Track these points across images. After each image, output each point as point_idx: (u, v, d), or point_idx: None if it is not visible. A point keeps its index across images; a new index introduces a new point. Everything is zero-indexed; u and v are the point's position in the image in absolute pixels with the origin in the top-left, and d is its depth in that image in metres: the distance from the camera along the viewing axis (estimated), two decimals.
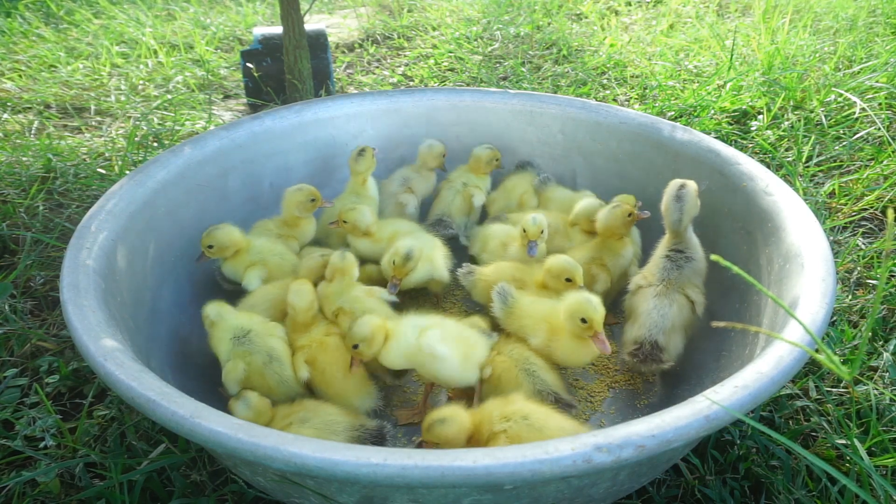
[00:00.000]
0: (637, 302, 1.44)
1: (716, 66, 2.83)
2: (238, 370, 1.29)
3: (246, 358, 1.30)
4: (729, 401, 0.92)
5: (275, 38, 2.57)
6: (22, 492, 1.22)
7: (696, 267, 1.44)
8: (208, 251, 1.54)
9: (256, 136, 1.75)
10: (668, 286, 1.42)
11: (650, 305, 1.40)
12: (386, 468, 0.84)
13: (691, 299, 1.41)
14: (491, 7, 3.68)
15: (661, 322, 1.38)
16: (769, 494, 1.21)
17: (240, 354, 1.31)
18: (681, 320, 1.40)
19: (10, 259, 1.82)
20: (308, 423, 1.21)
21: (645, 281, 1.46)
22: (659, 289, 1.42)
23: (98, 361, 1.02)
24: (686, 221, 1.44)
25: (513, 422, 1.11)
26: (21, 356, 1.53)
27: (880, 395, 1.38)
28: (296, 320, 1.39)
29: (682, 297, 1.41)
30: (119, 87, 2.82)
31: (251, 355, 1.31)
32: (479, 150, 1.85)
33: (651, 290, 1.42)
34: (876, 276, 1.72)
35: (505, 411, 1.14)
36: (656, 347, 1.36)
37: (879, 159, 2.13)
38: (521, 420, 1.11)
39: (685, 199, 1.43)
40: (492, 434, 1.12)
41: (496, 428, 1.12)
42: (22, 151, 2.24)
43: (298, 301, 1.38)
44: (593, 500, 1.02)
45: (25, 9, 3.57)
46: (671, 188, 1.46)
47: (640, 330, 1.39)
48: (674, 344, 1.38)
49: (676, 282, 1.42)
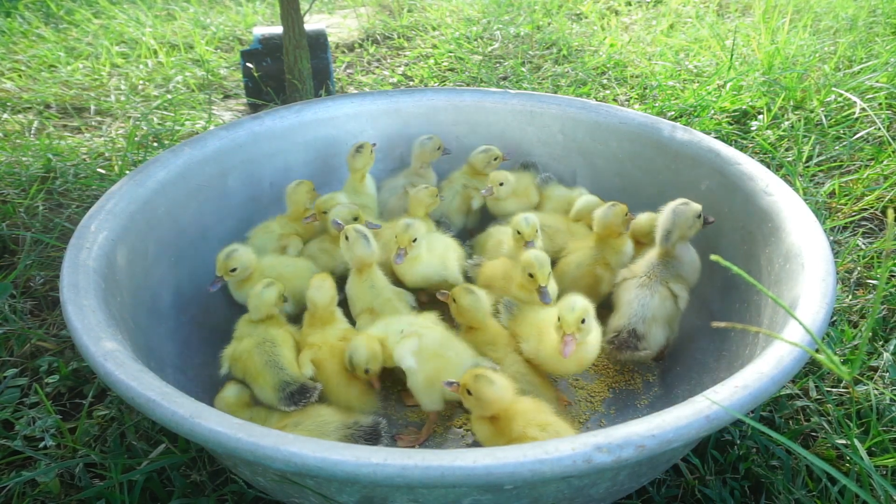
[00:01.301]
0: (620, 292, 1.46)
1: (716, 66, 2.83)
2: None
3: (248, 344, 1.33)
4: (729, 401, 0.92)
5: (275, 38, 2.57)
6: (22, 492, 1.22)
7: (682, 271, 1.45)
8: (230, 275, 1.48)
9: (256, 136, 1.75)
10: (652, 278, 1.43)
11: (632, 295, 1.42)
12: (386, 468, 0.84)
13: (675, 293, 1.42)
14: (491, 7, 3.68)
15: (641, 311, 1.40)
16: (769, 494, 1.21)
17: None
18: (663, 312, 1.40)
19: (10, 259, 1.82)
20: (300, 426, 1.22)
21: (630, 273, 1.48)
22: (642, 280, 1.43)
23: (98, 361, 1.02)
24: (674, 237, 1.44)
25: (547, 434, 1.10)
26: (21, 356, 1.53)
27: (880, 395, 1.38)
28: (314, 315, 1.39)
29: (665, 290, 1.42)
30: (119, 87, 2.82)
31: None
32: (474, 157, 1.85)
33: (634, 282, 1.44)
34: (876, 276, 1.72)
35: (541, 420, 1.12)
36: (634, 335, 1.38)
37: (879, 159, 2.13)
38: (555, 435, 1.10)
39: (680, 214, 1.44)
40: (523, 435, 1.10)
41: (530, 432, 1.10)
42: (22, 151, 2.24)
43: (320, 296, 1.38)
44: (593, 500, 1.02)
45: (25, 9, 3.57)
46: (673, 202, 1.47)
47: (620, 319, 1.41)
48: (654, 334, 1.39)
49: (661, 275, 1.43)
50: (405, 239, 1.49)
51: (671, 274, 1.44)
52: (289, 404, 1.25)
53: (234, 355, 1.34)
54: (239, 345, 1.35)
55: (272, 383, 1.28)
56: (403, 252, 1.49)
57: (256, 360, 1.30)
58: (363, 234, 1.44)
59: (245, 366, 1.32)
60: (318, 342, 1.36)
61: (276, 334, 1.35)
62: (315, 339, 1.37)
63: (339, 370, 1.34)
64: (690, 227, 1.44)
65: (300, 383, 1.27)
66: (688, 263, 1.46)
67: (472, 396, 1.15)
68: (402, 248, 1.49)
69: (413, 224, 1.50)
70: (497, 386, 1.14)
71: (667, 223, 1.44)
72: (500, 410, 1.15)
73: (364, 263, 1.45)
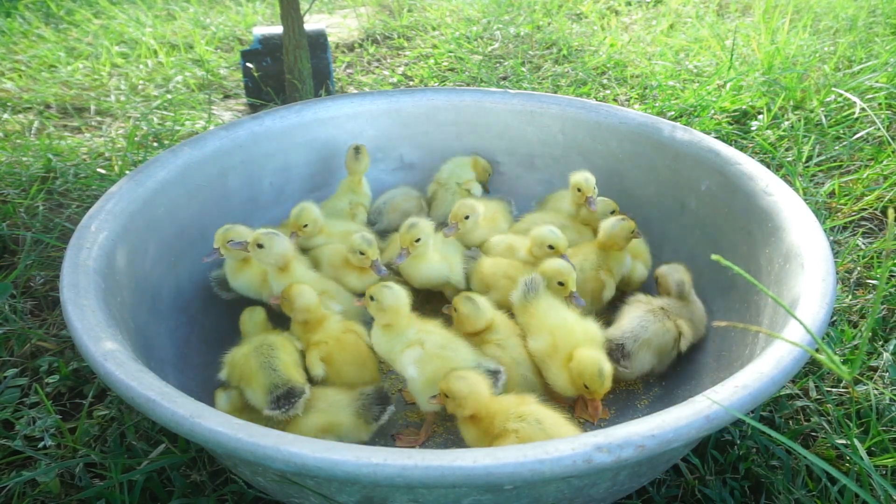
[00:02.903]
0: (628, 309, 1.47)
1: (716, 66, 2.83)
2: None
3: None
4: (729, 401, 0.92)
5: (275, 38, 2.57)
6: (22, 492, 1.22)
7: (695, 317, 1.47)
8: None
9: (256, 136, 1.75)
10: (664, 312, 1.44)
11: (637, 313, 1.44)
12: (386, 468, 0.84)
13: (680, 330, 1.42)
14: (491, 7, 3.68)
15: (638, 331, 1.40)
16: (769, 494, 1.21)
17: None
18: (658, 340, 1.41)
19: (10, 259, 1.82)
20: (314, 409, 1.22)
21: (645, 299, 1.48)
22: (653, 307, 1.45)
23: (98, 361, 1.02)
24: (686, 288, 1.47)
25: (526, 423, 1.11)
26: (21, 356, 1.53)
27: (880, 395, 1.38)
28: (308, 320, 1.39)
29: (671, 323, 1.42)
30: (119, 87, 2.82)
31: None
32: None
33: (646, 306, 1.45)
34: (876, 276, 1.72)
35: (520, 411, 1.13)
36: (620, 350, 1.38)
37: (879, 159, 2.13)
38: (535, 423, 1.11)
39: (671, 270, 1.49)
40: (504, 430, 1.11)
41: (509, 425, 1.11)
42: (22, 151, 2.24)
43: (309, 298, 1.37)
44: (593, 500, 1.02)
45: (25, 9, 3.57)
46: (663, 267, 1.51)
47: (615, 331, 1.42)
48: (640, 357, 1.40)
49: (672, 310, 1.44)
50: (408, 239, 1.49)
51: (685, 315, 1.45)
52: (274, 408, 1.21)
53: (232, 360, 1.32)
54: (239, 350, 1.34)
55: (264, 385, 1.24)
56: (406, 252, 1.49)
57: (252, 363, 1.28)
58: (272, 232, 1.43)
59: (241, 370, 1.29)
60: (322, 339, 1.36)
61: (274, 340, 1.33)
62: (318, 336, 1.36)
63: (349, 361, 1.35)
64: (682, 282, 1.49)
65: (289, 386, 1.23)
66: (697, 310, 1.48)
67: (448, 398, 1.15)
68: (405, 248, 1.49)
69: (417, 224, 1.49)
70: (467, 381, 1.15)
71: (677, 276, 1.48)
72: (479, 408, 1.15)
73: (287, 258, 1.44)
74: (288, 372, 1.26)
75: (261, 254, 1.43)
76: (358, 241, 1.50)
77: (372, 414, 1.25)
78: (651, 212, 1.72)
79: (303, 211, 1.61)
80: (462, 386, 1.14)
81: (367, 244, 1.50)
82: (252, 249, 1.43)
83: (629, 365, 1.38)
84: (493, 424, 1.13)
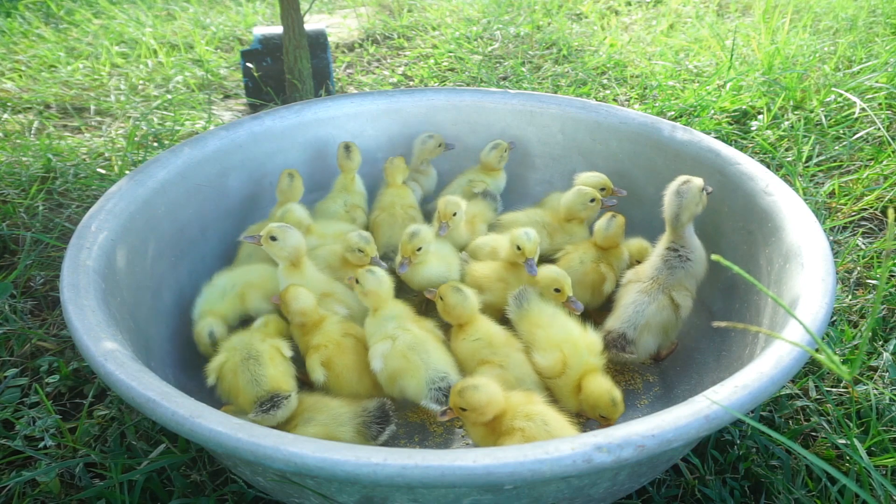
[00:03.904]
0: (622, 294, 1.47)
1: (716, 66, 2.83)
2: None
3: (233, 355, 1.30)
4: (729, 401, 0.93)
5: (275, 38, 2.57)
6: (22, 492, 1.22)
7: (690, 269, 1.44)
8: (416, 254, 1.50)
9: (256, 136, 1.75)
10: (655, 285, 1.43)
11: (630, 300, 1.43)
12: (386, 468, 0.84)
13: (676, 302, 1.42)
14: (491, 7, 3.68)
15: (635, 318, 1.40)
16: (769, 494, 1.21)
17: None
18: (658, 320, 1.41)
19: (10, 259, 1.82)
20: (314, 422, 1.21)
21: (635, 276, 1.48)
22: (645, 285, 1.44)
23: (98, 361, 1.02)
24: (684, 218, 1.43)
25: (532, 423, 1.11)
26: (21, 356, 1.53)
27: (880, 394, 1.38)
28: (306, 323, 1.38)
29: (666, 298, 1.42)
30: (119, 87, 2.82)
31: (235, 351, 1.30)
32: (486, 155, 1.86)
33: (637, 286, 1.44)
34: (876, 276, 1.72)
35: (528, 410, 1.13)
36: (623, 338, 1.39)
37: (879, 159, 2.13)
38: (542, 424, 1.11)
39: (685, 194, 1.43)
40: (511, 428, 1.11)
41: (516, 423, 1.11)
42: (22, 151, 2.24)
43: (306, 301, 1.37)
44: (593, 500, 1.02)
45: (25, 9, 3.57)
46: (674, 183, 1.46)
47: (614, 322, 1.42)
48: (644, 341, 1.40)
49: (665, 282, 1.43)
50: (410, 248, 1.49)
51: (675, 280, 1.43)
52: (258, 412, 1.20)
53: (220, 373, 1.29)
54: (225, 360, 1.30)
55: (251, 402, 1.23)
56: (408, 261, 1.49)
57: (240, 380, 1.25)
58: (286, 226, 1.43)
59: (230, 385, 1.27)
60: (322, 342, 1.35)
61: (260, 352, 1.29)
62: (318, 340, 1.36)
63: (350, 365, 1.34)
64: (697, 203, 1.43)
65: (271, 394, 1.21)
66: (696, 250, 1.45)
67: (467, 411, 1.14)
68: (407, 257, 1.49)
69: (419, 233, 1.49)
70: (483, 390, 1.13)
71: (674, 206, 1.44)
72: (499, 409, 1.14)
73: (300, 253, 1.44)
74: (273, 384, 1.24)
75: (274, 247, 1.42)
76: (356, 239, 1.50)
77: (371, 432, 1.22)
78: (651, 212, 1.72)
79: (287, 212, 1.59)
80: (480, 397, 1.12)
81: (364, 241, 1.50)
82: (265, 242, 1.42)
83: (635, 350, 1.39)
84: (501, 422, 1.13)
